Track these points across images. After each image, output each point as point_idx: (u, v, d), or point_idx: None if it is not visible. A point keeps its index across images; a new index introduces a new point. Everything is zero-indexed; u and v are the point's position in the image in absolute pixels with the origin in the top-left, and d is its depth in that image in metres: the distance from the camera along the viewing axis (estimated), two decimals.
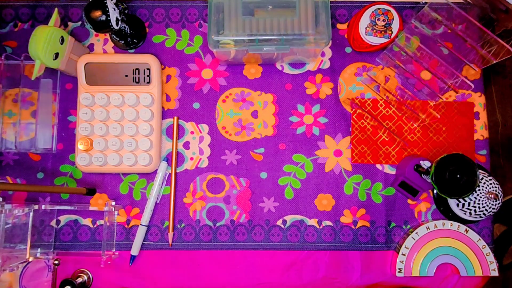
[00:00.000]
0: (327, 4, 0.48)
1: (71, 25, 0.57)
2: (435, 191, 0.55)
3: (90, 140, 0.53)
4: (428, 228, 0.53)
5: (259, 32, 0.47)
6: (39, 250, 0.53)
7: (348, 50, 0.57)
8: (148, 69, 0.53)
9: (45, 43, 0.47)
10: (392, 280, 0.54)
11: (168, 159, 0.55)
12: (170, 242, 0.54)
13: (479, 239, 0.52)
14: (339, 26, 0.57)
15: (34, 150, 0.54)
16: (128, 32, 0.53)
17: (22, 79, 0.52)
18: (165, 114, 0.56)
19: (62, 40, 0.49)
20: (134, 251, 0.53)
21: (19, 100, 0.52)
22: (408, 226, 0.55)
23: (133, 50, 0.57)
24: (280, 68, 0.57)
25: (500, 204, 0.50)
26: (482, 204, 0.50)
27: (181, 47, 0.57)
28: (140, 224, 0.54)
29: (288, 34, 0.47)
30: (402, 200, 0.55)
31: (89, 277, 0.53)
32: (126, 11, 0.52)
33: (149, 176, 0.55)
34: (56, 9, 0.50)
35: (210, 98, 0.56)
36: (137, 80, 0.54)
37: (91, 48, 0.57)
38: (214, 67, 0.57)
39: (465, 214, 0.52)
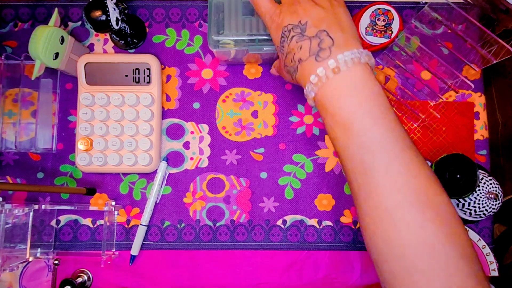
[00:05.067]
0: None
1: (71, 25, 0.57)
2: None
3: (90, 140, 0.53)
4: None
5: (259, 32, 0.47)
6: (39, 250, 0.53)
7: None
8: (148, 69, 0.53)
9: (45, 43, 0.47)
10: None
11: (168, 159, 0.55)
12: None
13: (479, 239, 0.52)
14: None
15: (34, 150, 0.54)
16: (128, 32, 0.53)
17: (22, 79, 0.52)
18: (165, 114, 0.56)
19: (62, 40, 0.49)
20: (134, 251, 0.53)
21: (19, 100, 0.52)
22: None
23: (133, 50, 0.57)
24: None
25: (500, 204, 0.50)
26: (482, 204, 0.50)
27: (181, 47, 0.57)
28: (140, 224, 0.54)
29: None
30: None
31: (89, 277, 0.53)
32: (126, 11, 0.52)
33: (149, 176, 0.55)
34: (56, 9, 0.50)
35: (210, 98, 0.56)
36: (137, 80, 0.54)
37: (91, 48, 0.57)
38: (214, 67, 0.57)
39: (465, 214, 0.52)
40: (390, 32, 0.53)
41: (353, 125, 0.35)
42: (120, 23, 0.49)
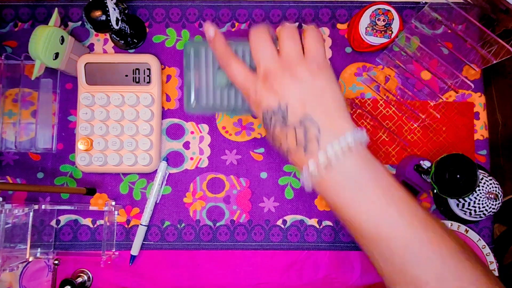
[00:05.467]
0: None
1: (71, 25, 0.57)
2: (435, 191, 0.55)
3: (90, 140, 0.53)
4: None
5: (238, 104, 0.46)
6: (39, 250, 0.53)
7: (348, 50, 0.57)
8: (148, 69, 0.53)
9: (45, 43, 0.47)
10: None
11: (168, 159, 0.55)
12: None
13: (479, 239, 0.52)
14: (339, 26, 0.57)
15: (34, 150, 0.54)
16: (128, 32, 0.53)
17: (22, 79, 0.52)
18: (165, 114, 0.56)
19: (62, 40, 0.49)
20: (134, 251, 0.53)
21: (19, 100, 0.52)
22: None
23: (133, 50, 0.57)
24: None
25: (500, 204, 0.50)
26: (482, 204, 0.50)
27: (181, 47, 0.57)
28: (140, 224, 0.54)
29: None
30: None
31: (89, 277, 0.53)
32: (126, 11, 0.52)
33: (149, 176, 0.55)
34: (56, 9, 0.50)
35: None
36: (137, 80, 0.54)
37: (91, 48, 0.57)
38: None
39: (465, 214, 0.52)
40: (390, 32, 0.53)
41: (357, 213, 0.33)
42: (120, 23, 0.49)
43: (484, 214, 0.51)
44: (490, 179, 0.50)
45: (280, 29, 0.38)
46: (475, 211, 0.51)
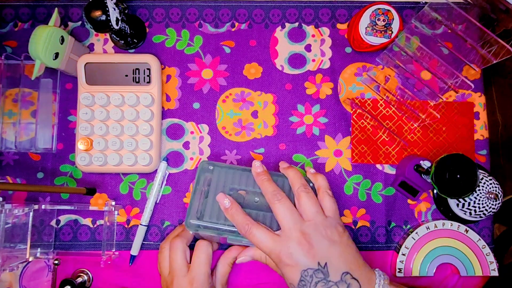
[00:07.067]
0: None
1: (71, 25, 0.57)
2: (435, 191, 0.55)
3: (90, 140, 0.53)
4: (428, 228, 0.53)
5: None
6: (39, 250, 0.53)
7: (348, 50, 0.57)
8: (148, 69, 0.53)
9: (45, 43, 0.47)
10: (392, 280, 0.54)
11: (168, 159, 0.55)
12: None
13: (479, 239, 0.52)
14: (339, 26, 0.57)
15: (34, 150, 0.54)
16: (128, 32, 0.53)
17: (22, 79, 0.52)
18: (165, 114, 0.56)
19: (62, 40, 0.49)
20: (134, 251, 0.53)
21: (19, 100, 0.53)
22: (408, 226, 0.55)
23: (133, 50, 0.57)
24: (280, 68, 0.57)
25: (500, 204, 0.50)
26: (482, 204, 0.50)
27: (181, 47, 0.57)
28: (140, 224, 0.54)
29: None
30: (402, 200, 0.55)
31: (89, 277, 0.53)
32: (126, 11, 0.52)
33: (149, 176, 0.55)
34: (56, 9, 0.50)
35: (210, 98, 0.56)
36: (137, 80, 0.54)
37: (91, 48, 0.57)
38: (214, 67, 0.57)
39: (465, 214, 0.52)
40: (390, 32, 0.53)
41: None
42: (120, 23, 0.49)
43: (484, 214, 0.51)
44: (490, 179, 0.50)
45: (299, 193, 0.45)
46: (475, 211, 0.51)
